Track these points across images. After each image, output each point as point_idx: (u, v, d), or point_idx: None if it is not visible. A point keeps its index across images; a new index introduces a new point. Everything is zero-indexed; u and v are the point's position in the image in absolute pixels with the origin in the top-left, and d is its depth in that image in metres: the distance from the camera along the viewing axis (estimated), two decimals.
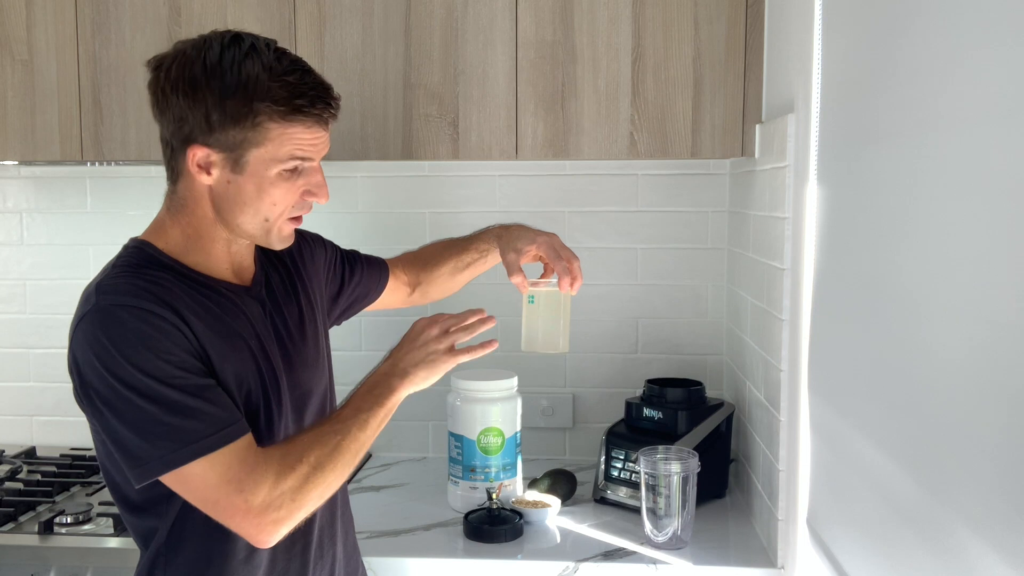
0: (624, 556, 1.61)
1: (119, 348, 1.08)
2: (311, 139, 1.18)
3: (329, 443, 1.15)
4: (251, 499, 1.08)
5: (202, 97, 1.13)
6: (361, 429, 1.18)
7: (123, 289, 1.12)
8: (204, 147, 1.15)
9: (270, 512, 1.09)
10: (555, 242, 1.55)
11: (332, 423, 1.18)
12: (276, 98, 1.13)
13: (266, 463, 1.11)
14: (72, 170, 2.25)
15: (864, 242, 1.13)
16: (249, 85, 1.13)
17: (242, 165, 1.16)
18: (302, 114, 1.15)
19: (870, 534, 1.10)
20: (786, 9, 1.58)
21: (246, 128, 1.14)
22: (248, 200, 1.18)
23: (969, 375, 0.83)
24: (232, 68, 1.13)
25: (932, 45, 0.93)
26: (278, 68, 1.15)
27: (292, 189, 1.20)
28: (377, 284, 1.63)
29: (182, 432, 1.08)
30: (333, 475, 1.15)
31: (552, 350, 1.55)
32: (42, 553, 1.65)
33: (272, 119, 1.14)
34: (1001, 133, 0.77)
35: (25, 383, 2.30)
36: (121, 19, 1.84)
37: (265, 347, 1.24)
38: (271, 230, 1.22)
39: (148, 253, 1.20)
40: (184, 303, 1.15)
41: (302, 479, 1.11)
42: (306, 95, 1.15)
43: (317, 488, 1.13)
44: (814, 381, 1.37)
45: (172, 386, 1.08)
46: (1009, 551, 0.75)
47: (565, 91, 1.79)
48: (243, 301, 1.25)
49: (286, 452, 1.13)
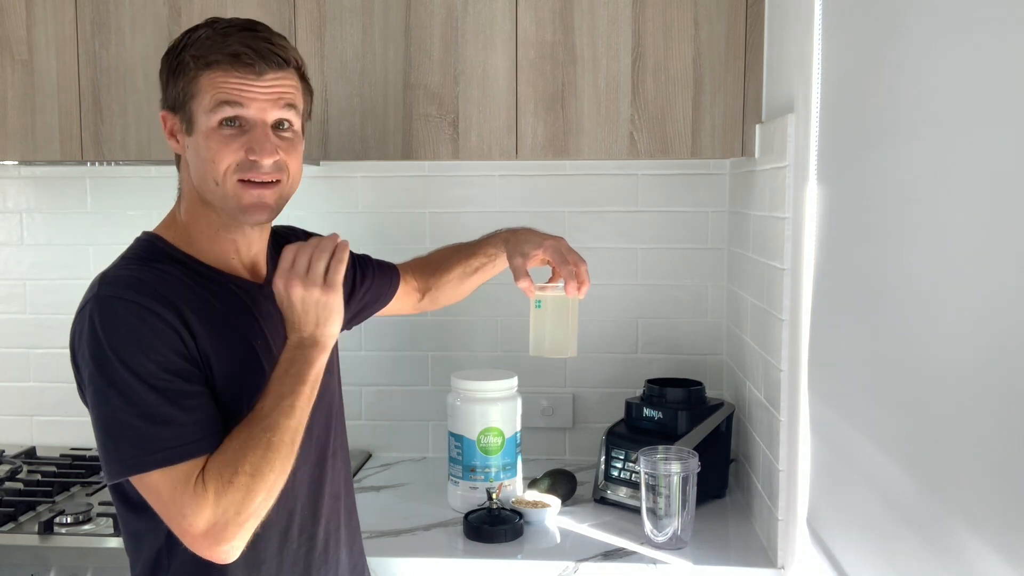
0: (624, 556, 1.61)
1: (109, 341, 1.08)
2: (235, 83, 1.16)
3: (260, 443, 1.10)
4: (195, 523, 1.06)
5: (164, 63, 1.22)
6: (288, 416, 1.12)
7: (125, 282, 1.13)
8: (166, 111, 1.22)
9: (216, 532, 1.06)
10: (562, 246, 1.54)
11: (257, 421, 1.12)
12: (201, 47, 1.17)
13: (205, 487, 1.07)
14: (72, 170, 2.25)
15: (864, 242, 1.13)
16: (189, 43, 1.18)
17: (191, 123, 1.19)
18: (220, 55, 1.16)
19: (870, 534, 1.10)
20: (786, 9, 1.58)
21: (180, 80, 1.18)
22: (199, 161, 1.19)
23: (969, 375, 0.83)
24: (187, 35, 1.20)
25: (932, 45, 0.93)
26: (221, 26, 1.19)
27: (232, 145, 1.17)
28: (388, 289, 1.62)
29: (147, 439, 1.07)
30: (273, 475, 1.10)
31: (560, 355, 1.54)
32: (42, 553, 1.65)
33: (197, 66, 1.17)
34: (1001, 133, 0.77)
35: (25, 383, 2.30)
36: (121, 19, 1.84)
37: (272, 346, 1.24)
38: (224, 196, 1.18)
39: (158, 246, 1.21)
40: (188, 300, 1.15)
41: (243, 491, 1.07)
42: (229, 43, 1.16)
43: (259, 494, 1.09)
44: (814, 381, 1.37)
45: (152, 387, 1.08)
46: (1009, 551, 0.75)
47: (565, 91, 1.79)
48: (253, 298, 1.25)
49: (221, 467, 1.08)
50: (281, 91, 1.19)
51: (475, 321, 2.19)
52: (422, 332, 2.20)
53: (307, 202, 2.14)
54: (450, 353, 2.20)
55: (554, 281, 1.54)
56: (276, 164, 1.19)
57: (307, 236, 1.44)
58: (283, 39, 1.22)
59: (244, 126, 1.18)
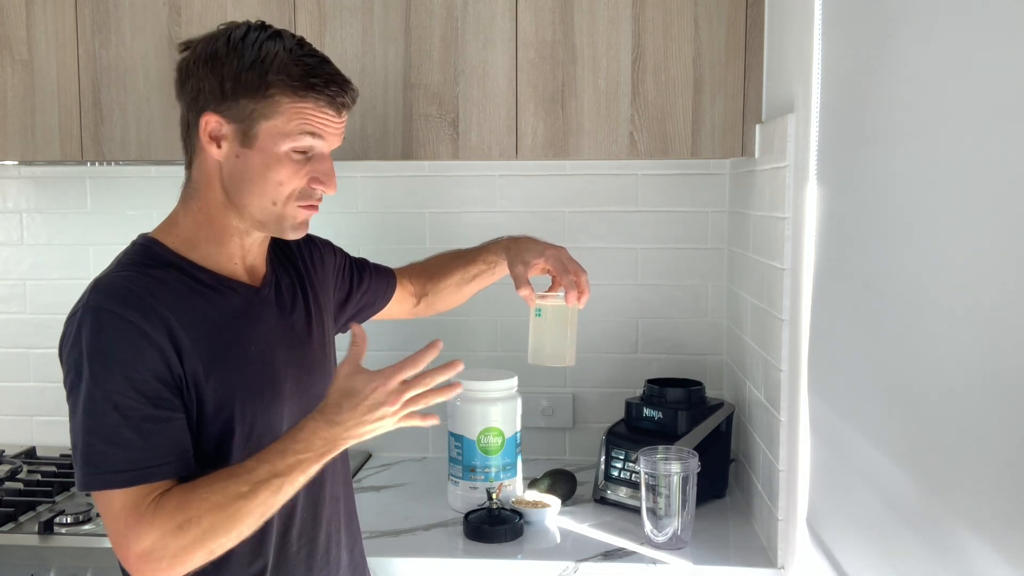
0: (624, 556, 1.61)
1: (88, 352, 1.09)
2: (322, 117, 1.19)
3: (230, 507, 1.07)
4: (133, 547, 1.06)
5: (219, 68, 1.17)
6: (273, 494, 1.08)
7: (116, 291, 1.12)
8: (216, 115, 1.17)
9: (150, 563, 1.06)
10: (563, 255, 1.55)
11: (240, 482, 1.08)
12: (291, 73, 1.16)
13: (154, 516, 1.06)
14: (72, 170, 2.25)
15: (864, 242, 1.13)
16: (267, 60, 1.16)
17: (251, 138, 1.17)
18: (315, 91, 1.17)
19: (870, 534, 1.10)
20: (786, 9, 1.58)
21: (258, 99, 1.16)
22: (255, 177, 1.18)
23: (969, 375, 0.83)
24: (253, 45, 1.17)
25: (932, 45, 0.93)
26: (298, 51, 1.18)
27: (299, 172, 1.20)
28: (385, 292, 1.63)
29: (99, 457, 1.08)
30: (227, 538, 1.08)
31: (559, 363, 1.55)
32: (42, 553, 1.65)
33: (284, 92, 1.16)
34: (1001, 133, 0.77)
35: (25, 383, 2.30)
36: (121, 19, 1.84)
37: (270, 350, 1.24)
38: (281, 216, 1.21)
39: (155, 251, 1.20)
40: (180, 309, 1.14)
41: (189, 541, 1.06)
42: (320, 75, 1.18)
43: (203, 550, 1.07)
44: (814, 381, 1.37)
45: (115, 406, 1.08)
46: (1009, 551, 0.75)
47: (565, 91, 1.79)
48: (251, 301, 1.25)
49: (179, 506, 1.07)
50: (344, 126, 1.24)
51: (475, 321, 2.19)
52: (422, 332, 2.20)
53: None
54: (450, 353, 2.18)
55: (554, 290, 1.56)
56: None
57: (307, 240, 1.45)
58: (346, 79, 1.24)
59: (309, 154, 1.20)
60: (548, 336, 1.54)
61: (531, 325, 1.55)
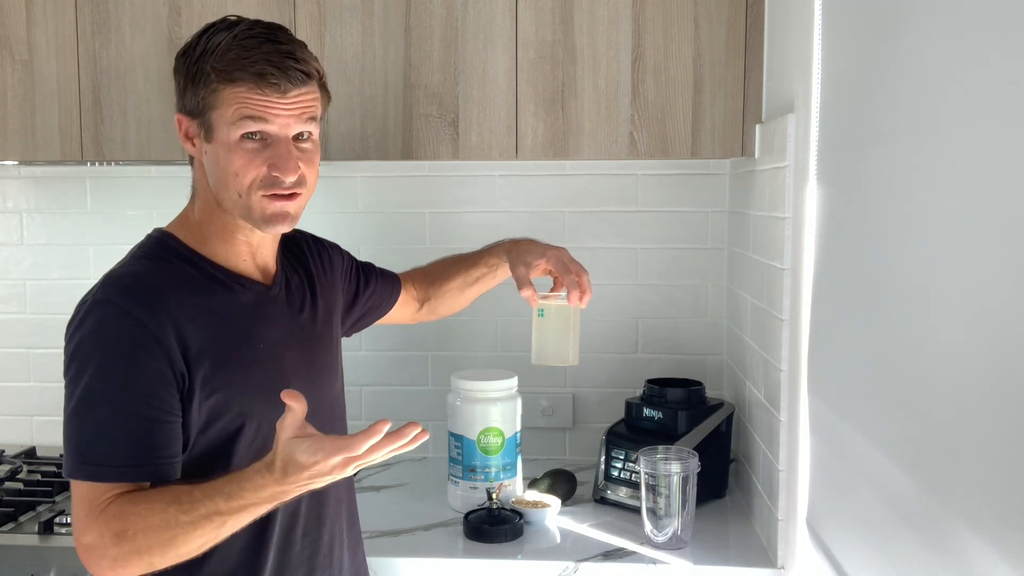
0: (624, 556, 1.61)
1: (91, 342, 1.10)
2: (260, 99, 1.15)
3: (166, 533, 1.05)
4: (80, 538, 1.10)
5: (180, 67, 1.20)
6: (216, 529, 1.06)
7: (125, 285, 1.13)
8: (181, 114, 1.21)
9: (93, 558, 1.09)
10: (564, 256, 1.56)
11: (183, 511, 1.05)
12: (224, 59, 1.15)
13: (99, 517, 1.08)
14: (72, 170, 2.24)
15: (864, 242, 1.13)
16: (209, 50, 1.16)
17: (210, 131, 1.18)
18: (243, 72, 1.15)
19: (870, 534, 1.10)
20: (786, 9, 1.58)
21: (200, 90, 1.17)
22: (218, 170, 1.19)
23: (969, 375, 0.83)
24: (205, 37, 1.18)
25: (932, 45, 0.93)
26: (242, 35, 1.16)
27: (255, 160, 1.17)
28: (390, 296, 1.63)
29: (84, 447, 1.09)
30: (164, 559, 1.07)
31: (562, 363, 1.57)
32: (42, 553, 1.65)
33: (220, 79, 1.16)
34: (1000, 133, 0.77)
35: (25, 383, 2.30)
36: (121, 19, 1.84)
37: (279, 349, 1.24)
38: (248, 207, 1.19)
39: (169, 244, 1.21)
40: (188, 304, 1.15)
41: (125, 552, 1.07)
42: (251, 56, 1.15)
43: (141, 563, 1.07)
44: (814, 381, 1.37)
45: (111, 400, 1.09)
46: (1009, 551, 0.75)
47: (565, 91, 1.79)
48: (261, 300, 1.25)
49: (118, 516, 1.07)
50: (304, 106, 1.19)
51: (475, 321, 2.19)
52: (422, 332, 2.20)
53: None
54: (450, 353, 2.20)
55: (556, 291, 1.57)
56: (297, 178, 1.20)
57: (316, 242, 1.45)
58: (305, 50, 1.21)
59: (266, 139, 1.18)
60: (551, 336, 1.56)
61: (534, 326, 1.56)
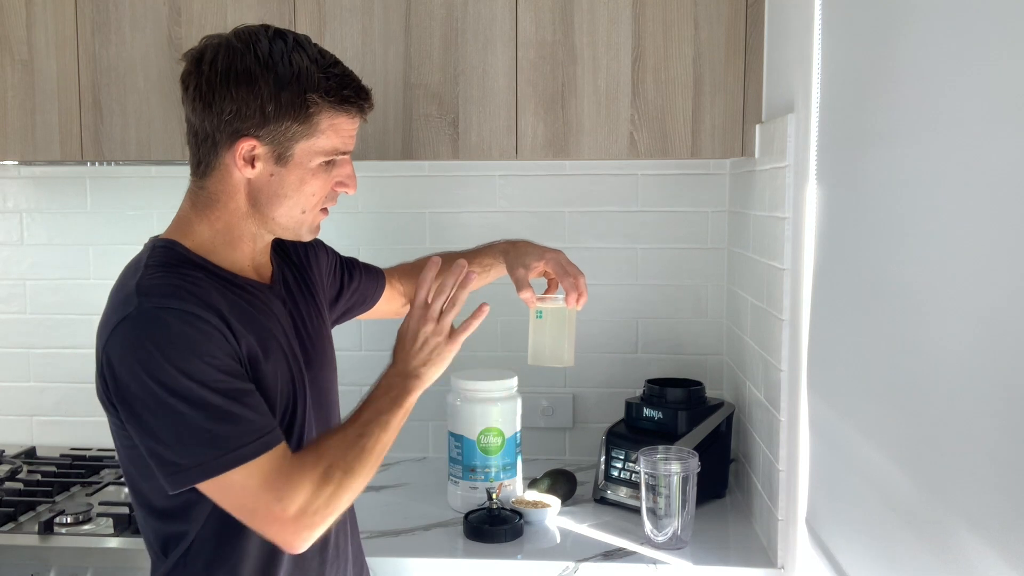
0: (624, 556, 1.61)
1: (164, 352, 1.07)
2: (352, 130, 1.22)
3: (356, 446, 1.16)
4: (289, 507, 1.10)
5: (258, 88, 1.14)
6: (383, 431, 1.20)
7: (165, 291, 1.11)
8: (253, 139, 1.16)
9: (305, 519, 1.11)
10: (562, 258, 1.58)
11: (356, 426, 1.19)
12: (327, 88, 1.17)
13: (301, 471, 1.11)
14: (72, 170, 2.24)
15: (864, 242, 1.13)
16: (302, 76, 1.15)
17: (287, 158, 1.18)
18: (349, 104, 1.19)
19: (870, 534, 1.10)
20: (786, 9, 1.58)
21: (300, 119, 1.16)
22: (288, 192, 1.20)
23: (969, 375, 0.83)
24: (283, 60, 1.15)
25: (932, 45, 0.93)
26: (322, 61, 1.18)
27: (327, 180, 1.22)
28: (374, 291, 1.64)
29: (223, 439, 1.08)
30: (362, 478, 1.16)
31: (558, 363, 1.59)
32: (42, 553, 1.65)
33: (323, 109, 1.17)
34: (1000, 133, 0.77)
35: (25, 383, 2.30)
36: (121, 19, 1.84)
37: (291, 345, 1.26)
38: (305, 222, 1.24)
39: (179, 252, 1.19)
40: (223, 304, 1.15)
41: (336, 485, 1.13)
42: (350, 86, 1.19)
43: (348, 492, 1.15)
44: (814, 381, 1.37)
45: (216, 391, 1.08)
46: (1009, 551, 0.75)
47: (565, 91, 1.79)
48: (267, 298, 1.26)
49: (318, 457, 1.14)
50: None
51: None
52: None
53: None
54: None
55: (552, 292, 1.59)
56: None
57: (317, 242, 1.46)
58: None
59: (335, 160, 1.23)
60: (548, 337, 1.57)
61: (531, 327, 1.58)
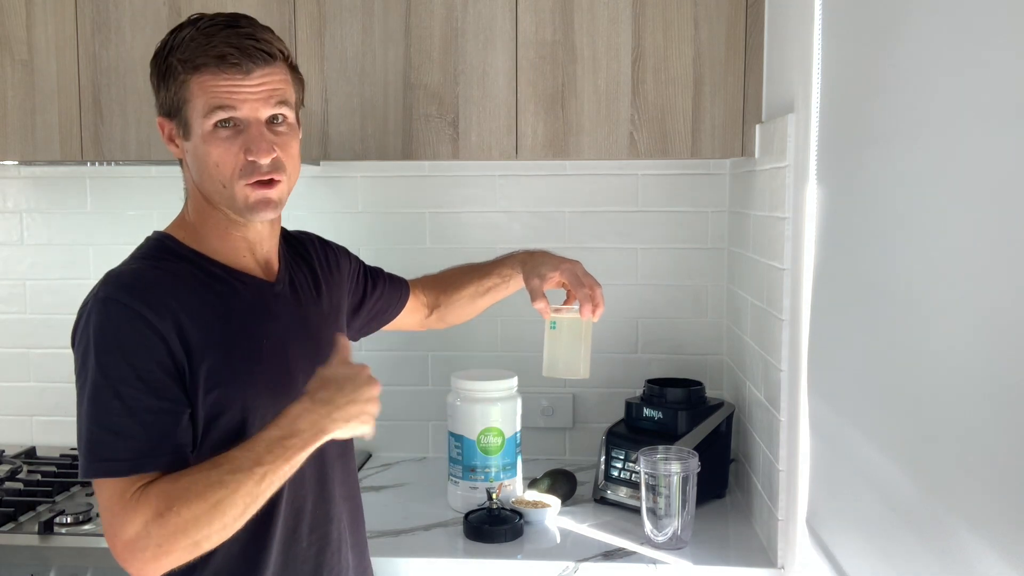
0: (624, 556, 1.61)
1: (96, 341, 1.10)
2: (226, 85, 1.15)
3: (211, 497, 1.05)
4: (120, 535, 1.06)
5: (152, 69, 1.21)
6: (257, 484, 1.07)
7: (124, 281, 1.14)
8: (162, 117, 1.22)
9: (135, 552, 1.06)
10: (578, 269, 1.57)
11: (225, 471, 1.07)
12: (188, 49, 1.16)
13: (138, 503, 1.06)
14: (72, 170, 2.24)
15: (864, 242, 1.13)
16: (173, 45, 1.17)
17: (187, 128, 1.19)
18: (206, 59, 1.15)
19: (870, 534, 1.10)
20: (786, 9, 1.58)
21: (171, 85, 1.18)
22: (201, 165, 1.19)
23: (969, 375, 0.83)
24: (170, 36, 1.19)
25: (931, 46, 0.93)
26: (204, 25, 1.17)
27: (231, 148, 1.17)
28: (398, 301, 1.63)
29: (99, 446, 1.09)
30: (210, 530, 1.06)
31: (573, 375, 1.57)
32: (42, 553, 1.65)
33: (185, 71, 1.16)
34: (1001, 133, 0.77)
35: (25, 383, 2.30)
36: (121, 19, 1.84)
37: (283, 345, 1.25)
38: (232, 197, 1.19)
39: (167, 245, 1.22)
40: (189, 300, 1.15)
41: (171, 530, 1.05)
42: (212, 41, 1.15)
43: (187, 540, 1.06)
44: (814, 381, 1.37)
45: (117, 394, 1.09)
46: (1009, 551, 0.75)
47: (565, 91, 1.79)
48: (264, 295, 1.26)
49: (162, 495, 1.06)
50: (271, 87, 1.19)
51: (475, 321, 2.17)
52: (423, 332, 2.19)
53: (307, 202, 2.14)
54: (450, 353, 2.20)
55: (568, 304, 1.57)
56: (274, 162, 1.19)
57: (322, 244, 1.46)
58: (268, 31, 1.21)
59: (239, 126, 1.18)
60: (563, 349, 1.56)
61: (546, 338, 1.57)
